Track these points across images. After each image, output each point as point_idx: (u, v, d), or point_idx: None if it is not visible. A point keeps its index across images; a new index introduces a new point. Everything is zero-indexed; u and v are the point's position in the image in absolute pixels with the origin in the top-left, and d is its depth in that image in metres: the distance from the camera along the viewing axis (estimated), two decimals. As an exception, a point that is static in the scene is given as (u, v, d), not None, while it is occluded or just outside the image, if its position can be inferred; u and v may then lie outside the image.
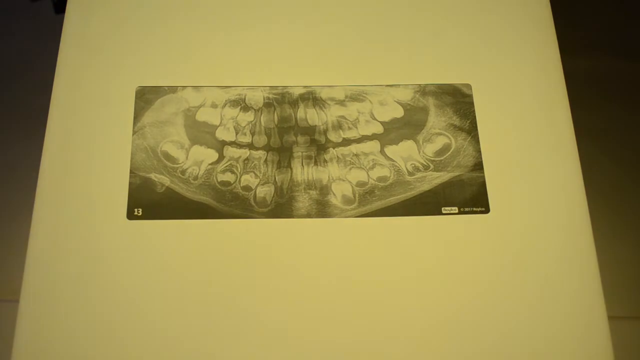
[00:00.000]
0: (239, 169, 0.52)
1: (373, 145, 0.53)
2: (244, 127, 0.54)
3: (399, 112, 0.55)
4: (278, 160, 0.52)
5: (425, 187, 0.52)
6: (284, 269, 0.49)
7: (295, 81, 0.55)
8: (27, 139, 1.16)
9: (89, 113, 0.54)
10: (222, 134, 0.53)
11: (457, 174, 0.52)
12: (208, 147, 0.53)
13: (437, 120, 0.54)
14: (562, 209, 0.51)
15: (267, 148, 0.53)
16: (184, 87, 0.55)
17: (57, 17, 1.26)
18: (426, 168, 0.52)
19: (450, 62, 0.56)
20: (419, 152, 0.53)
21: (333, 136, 0.53)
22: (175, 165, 0.52)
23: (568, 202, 0.51)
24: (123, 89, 0.55)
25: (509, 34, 0.58)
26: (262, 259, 0.49)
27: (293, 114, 0.54)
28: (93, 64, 0.56)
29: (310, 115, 0.54)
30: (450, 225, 0.51)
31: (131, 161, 0.52)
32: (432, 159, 0.53)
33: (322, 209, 0.51)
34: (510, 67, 0.56)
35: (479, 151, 0.53)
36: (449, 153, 0.53)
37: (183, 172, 0.52)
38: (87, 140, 0.53)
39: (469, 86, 0.55)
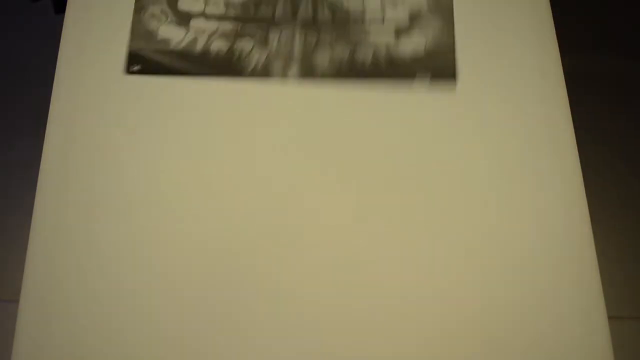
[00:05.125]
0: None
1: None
2: None
3: None
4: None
5: None
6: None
7: None
8: (28, 138, 1.16)
9: (89, 112, 0.54)
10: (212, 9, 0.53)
11: None
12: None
13: None
14: (562, 209, 0.51)
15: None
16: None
17: (57, 17, 1.26)
18: None
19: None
20: None
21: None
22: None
23: (568, 202, 0.51)
24: (122, 88, 0.55)
25: (509, 34, 0.58)
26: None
27: None
28: (93, 63, 0.56)
29: None
30: (450, 222, 0.51)
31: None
32: None
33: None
34: (510, 67, 0.56)
35: None
36: None
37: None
38: (87, 139, 0.53)
39: None
